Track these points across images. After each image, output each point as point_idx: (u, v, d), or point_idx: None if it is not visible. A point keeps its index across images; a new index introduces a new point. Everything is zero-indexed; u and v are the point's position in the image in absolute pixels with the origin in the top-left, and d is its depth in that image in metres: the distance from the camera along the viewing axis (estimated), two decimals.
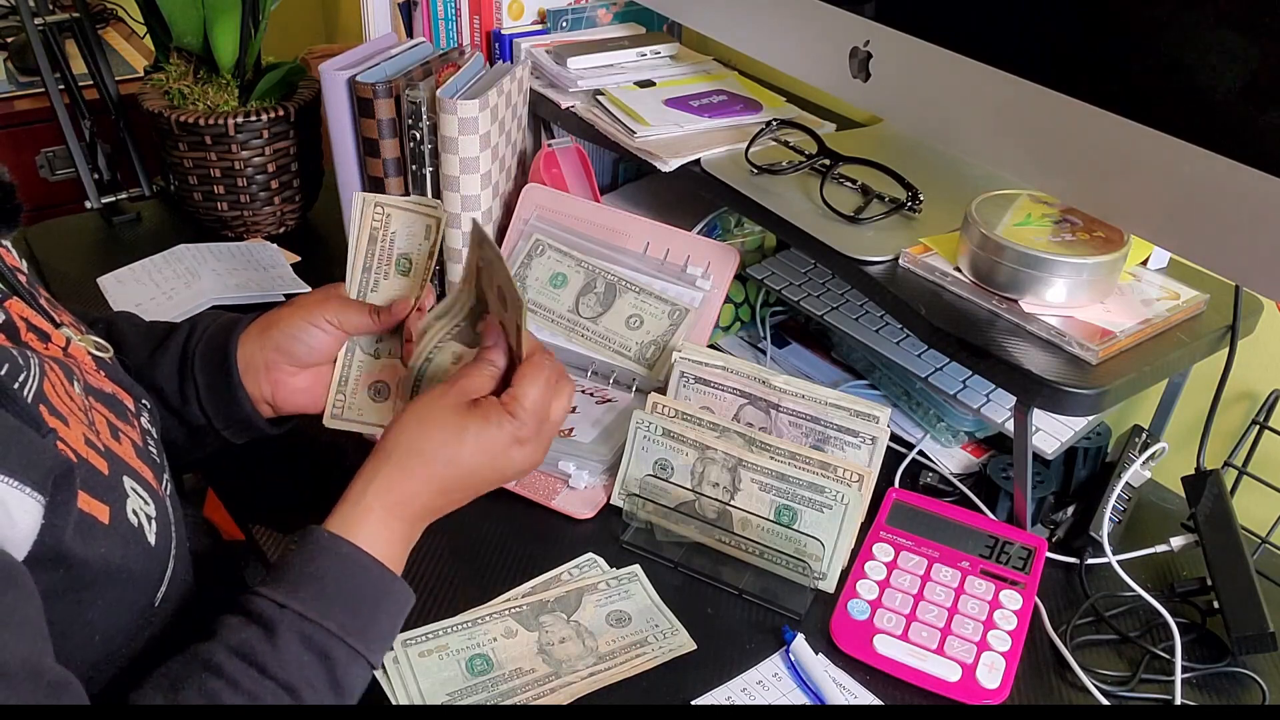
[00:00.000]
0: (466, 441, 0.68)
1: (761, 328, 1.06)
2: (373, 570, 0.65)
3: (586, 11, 1.23)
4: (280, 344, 0.80)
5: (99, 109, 1.31)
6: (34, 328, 0.65)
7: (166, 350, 0.81)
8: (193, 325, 0.83)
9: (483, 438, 0.69)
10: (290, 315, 0.81)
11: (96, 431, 0.62)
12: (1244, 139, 0.63)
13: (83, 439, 0.59)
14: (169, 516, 0.66)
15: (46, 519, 0.53)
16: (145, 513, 0.62)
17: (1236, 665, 0.75)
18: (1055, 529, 0.85)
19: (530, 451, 0.71)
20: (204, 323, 0.83)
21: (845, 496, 0.79)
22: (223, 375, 0.80)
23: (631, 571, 0.80)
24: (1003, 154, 0.80)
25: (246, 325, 0.81)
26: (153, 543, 0.62)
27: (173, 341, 0.82)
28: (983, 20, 0.79)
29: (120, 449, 0.63)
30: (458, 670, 0.71)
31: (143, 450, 0.67)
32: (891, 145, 1.02)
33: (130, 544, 0.60)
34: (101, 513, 0.58)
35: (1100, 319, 0.79)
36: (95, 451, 0.60)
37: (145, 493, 0.63)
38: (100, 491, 0.58)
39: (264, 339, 0.80)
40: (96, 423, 0.63)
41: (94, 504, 0.58)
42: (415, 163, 1.05)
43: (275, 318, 0.81)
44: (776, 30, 0.97)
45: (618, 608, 0.77)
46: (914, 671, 0.73)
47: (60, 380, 0.61)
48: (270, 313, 0.82)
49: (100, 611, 0.59)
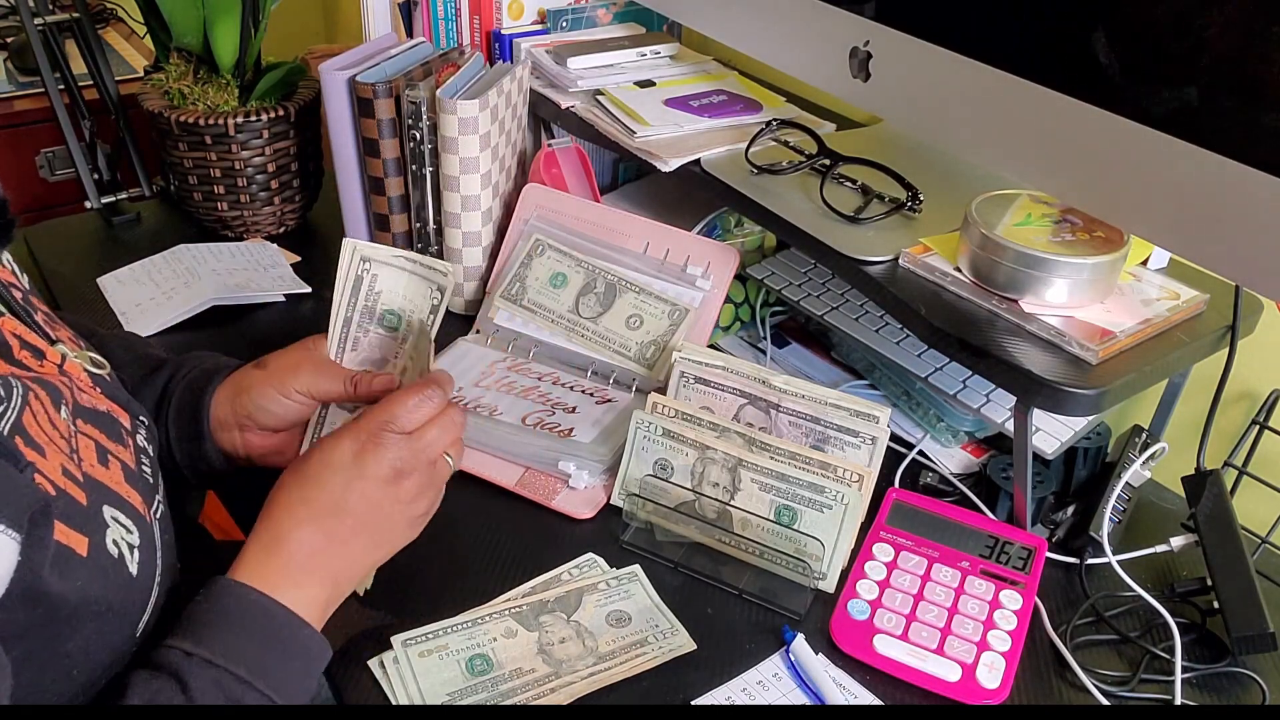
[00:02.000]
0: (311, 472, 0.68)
1: (761, 328, 1.06)
2: (281, 617, 0.63)
3: (586, 11, 1.23)
4: (250, 412, 0.78)
5: (99, 109, 1.31)
6: (28, 345, 0.64)
7: (147, 388, 0.80)
8: (176, 367, 0.82)
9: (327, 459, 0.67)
10: (261, 383, 0.78)
11: (79, 460, 0.60)
12: (1244, 139, 0.63)
13: (60, 469, 0.58)
14: (155, 543, 0.64)
15: (23, 555, 0.52)
16: (127, 542, 0.61)
17: (1236, 665, 0.75)
18: (1055, 529, 0.85)
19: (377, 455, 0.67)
20: (186, 367, 0.82)
21: (845, 496, 0.79)
22: (194, 428, 0.79)
23: (631, 572, 0.80)
24: (1003, 154, 0.80)
25: (223, 379, 0.80)
26: (134, 573, 0.61)
27: (155, 380, 0.81)
28: (983, 20, 0.79)
29: (106, 474, 0.62)
30: (458, 670, 0.71)
31: (134, 473, 0.65)
32: (891, 145, 1.02)
33: (110, 575, 0.58)
34: (80, 544, 0.57)
35: (1100, 319, 0.79)
36: (73, 482, 0.58)
37: (129, 521, 0.62)
38: (78, 522, 0.57)
39: (235, 403, 0.78)
40: (81, 448, 0.61)
41: (71, 535, 0.56)
42: (415, 163, 1.05)
43: (247, 382, 0.78)
44: (776, 30, 0.97)
45: (618, 608, 0.77)
46: (914, 671, 0.73)
47: (44, 407, 0.59)
48: (243, 372, 0.80)
49: (79, 644, 0.58)
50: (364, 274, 0.77)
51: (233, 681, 0.59)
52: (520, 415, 0.92)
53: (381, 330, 0.78)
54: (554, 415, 0.93)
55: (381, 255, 0.77)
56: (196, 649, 0.59)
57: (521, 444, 0.89)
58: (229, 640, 0.60)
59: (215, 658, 0.59)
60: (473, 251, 1.07)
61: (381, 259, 0.77)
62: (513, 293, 1.03)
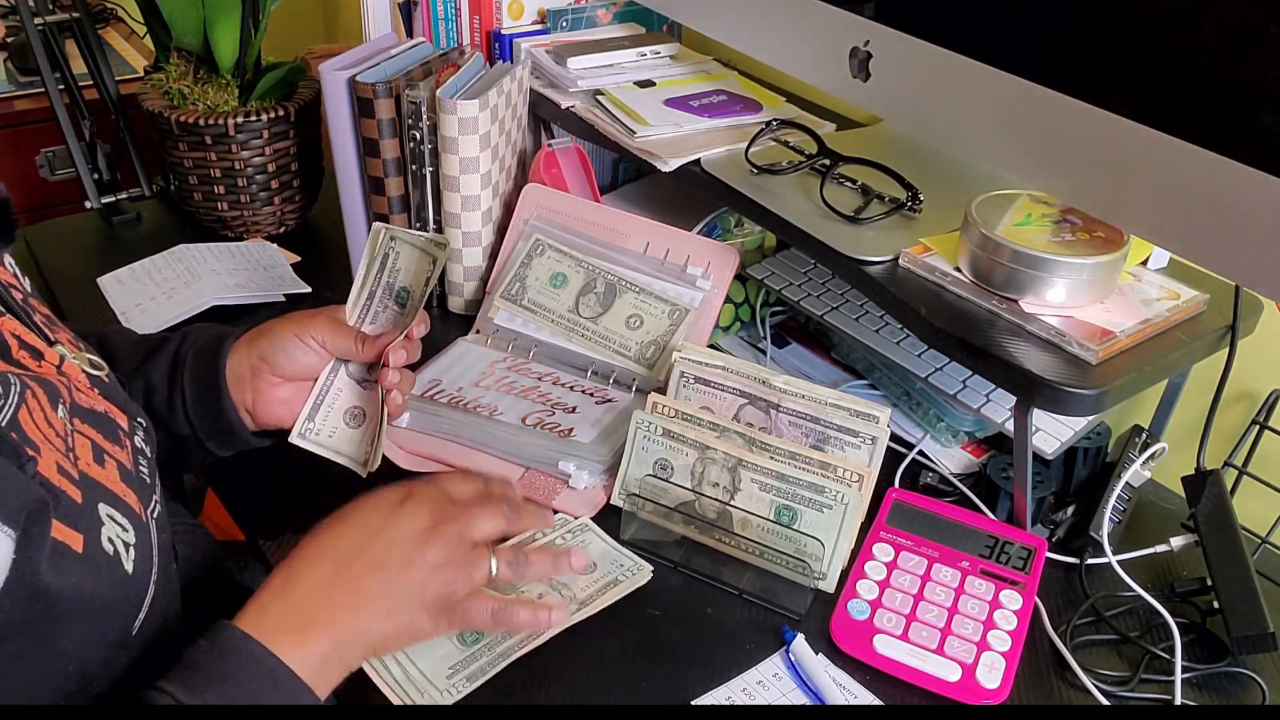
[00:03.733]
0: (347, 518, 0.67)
1: (761, 328, 1.06)
2: (282, 678, 0.60)
3: (586, 11, 1.23)
4: (266, 352, 0.80)
5: (99, 109, 1.31)
6: (26, 345, 0.64)
7: (157, 357, 0.81)
8: (184, 334, 0.84)
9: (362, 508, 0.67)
10: (281, 327, 0.81)
11: (75, 458, 0.60)
12: (1244, 139, 0.63)
13: (55, 467, 0.58)
14: (151, 542, 0.64)
15: (19, 553, 0.52)
16: (123, 540, 0.61)
17: (1236, 665, 0.75)
18: (1055, 529, 0.85)
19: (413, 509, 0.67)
20: (195, 333, 0.84)
21: (845, 496, 0.79)
22: (211, 384, 0.80)
23: (582, 523, 0.84)
24: (1003, 154, 0.80)
25: (238, 336, 0.82)
26: (130, 570, 0.61)
27: (164, 349, 0.82)
28: (983, 20, 0.79)
29: (102, 474, 0.62)
30: (451, 645, 0.72)
31: (130, 473, 0.65)
32: (891, 145, 1.02)
33: (104, 572, 0.58)
34: (75, 541, 0.57)
35: (1100, 319, 0.79)
36: (68, 480, 0.58)
37: (125, 519, 0.62)
38: (73, 520, 0.57)
39: (251, 347, 0.81)
40: (78, 447, 0.61)
41: (67, 532, 0.56)
42: (415, 163, 1.05)
43: (266, 328, 0.82)
44: (776, 30, 0.97)
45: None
46: (914, 671, 0.73)
47: (41, 405, 0.59)
48: (263, 324, 0.83)
49: (74, 641, 0.58)
50: (390, 252, 0.83)
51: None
52: (520, 415, 0.92)
53: (396, 307, 0.83)
54: (554, 415, 0.93)
55: (406, 236, 0.82)
56: (189, 699, 0.57)
57: (521, 444, 0.89)
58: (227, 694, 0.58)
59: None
60: (473, 251, 1.07)
61: (405, 239, 0.82)
62: (513, 293, 1.03)
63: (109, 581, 0.59)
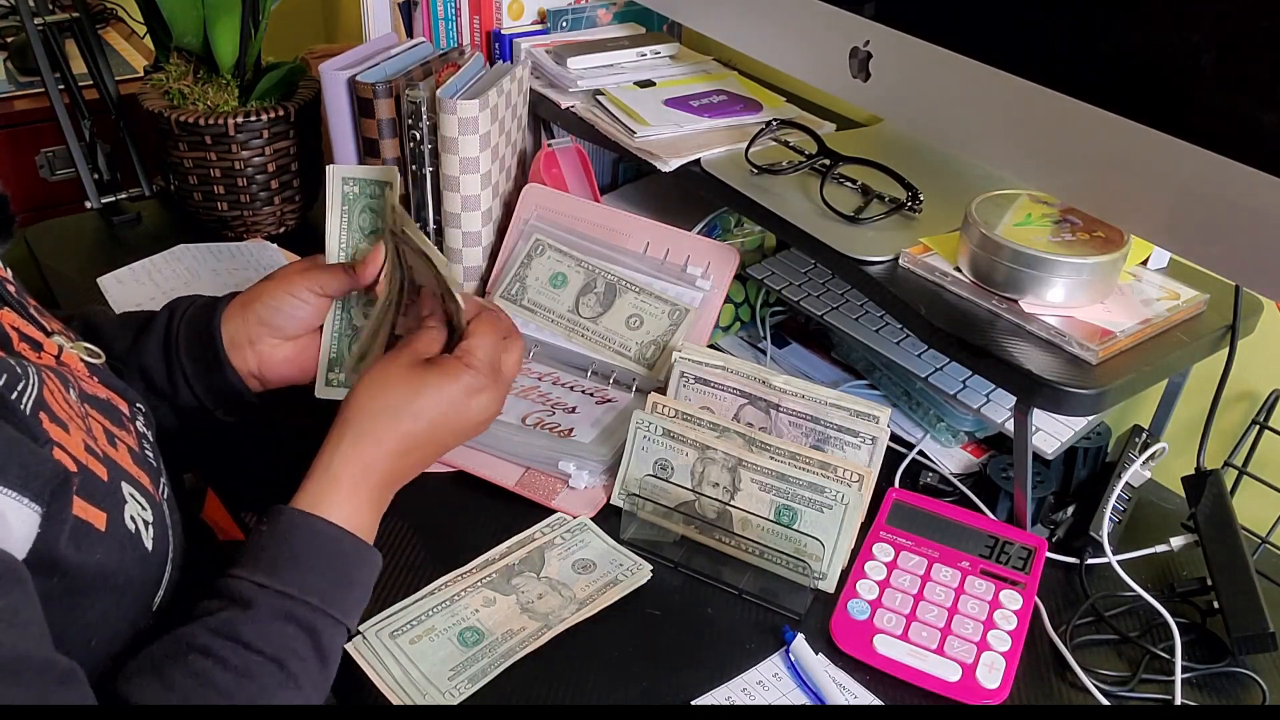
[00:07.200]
0: (426, 394, 0.71)
1: (761, 328, 1.06)
2: (345, 542, 0.67)
3: (586, 11, 1.23)
4: (264, 317, 0.81)
5: (99, 109, 1.31)
6: (26, 337, 0.65)
7: (148, 339, 0.82)
8: (171, 310, 0.84)
9: (442, 391, 0.72)
10: (271, 288, 0.82)
11: (94, 438, 0.62)
12: (1244, 139, 0.63)
13: (83, 445, 0.60)
14: (166, 521, 0.66)
15: (43, 528, 0.54)
16: (143, 518, 0.63)
17: (1236, 665, 0.75)
18: (1055, 529, 0.85)
19: (488, 400, 0.74)
20: (181, 307, 0.84)
21: (845, 496, 0.79)
22: (210, 354, 0.80)
23: (580, 523, 0.84)
24: (1003, 154, 0.80)
25: (227, 303, 0.82)
26: (150, 548, 0.63)
27: (153, 329, 0.82)
28: (983, 20, 0.79)
29: (117, 455, 0.64)
30: (452, 647, 0.72)
31: (139, 455, 0.67)
32: (891, 145, 1.02)
33: (127, 550, 0.60)
34: (98, 519, 0.58)
35: (1100, 319, 0.79)
36: (95, 458, 0.60)
37: (143, 498, 0.64)
38: (98, 498, 0.59)
39: (246, 314, 0.81)
40: (94, 429, 0.63)
41: (91, 510, 0.58)
42: (415, 163, 1.05)
43: (256, 292, 0.82)
44: (776, 30, 0.97)
45: (580, 556, 0.80)
46: (914, 671, 0.73)
47: (58, 388, 0.61)
48: (250, 289, 0.83)
49: (97, 616, 0.59)
50: (347, 190, 0.86)
51: (306, 609, 0.63)
52: (520, 415, 0.92)
53: (367, 238, 0.87)
54: (554, 415, 0.93)
55: (355, 173, 0.86)
56: (269, 581, 0.63)
57: (521, 444, 0.89)
58: (299, 571, 0.64)
59: (289, 589, 0.63)
60: (473, 251, 1.07)
61: (355, 175, 0.86)
62: (513, 293, 1.03)
63: (131, 559, 0.61)
